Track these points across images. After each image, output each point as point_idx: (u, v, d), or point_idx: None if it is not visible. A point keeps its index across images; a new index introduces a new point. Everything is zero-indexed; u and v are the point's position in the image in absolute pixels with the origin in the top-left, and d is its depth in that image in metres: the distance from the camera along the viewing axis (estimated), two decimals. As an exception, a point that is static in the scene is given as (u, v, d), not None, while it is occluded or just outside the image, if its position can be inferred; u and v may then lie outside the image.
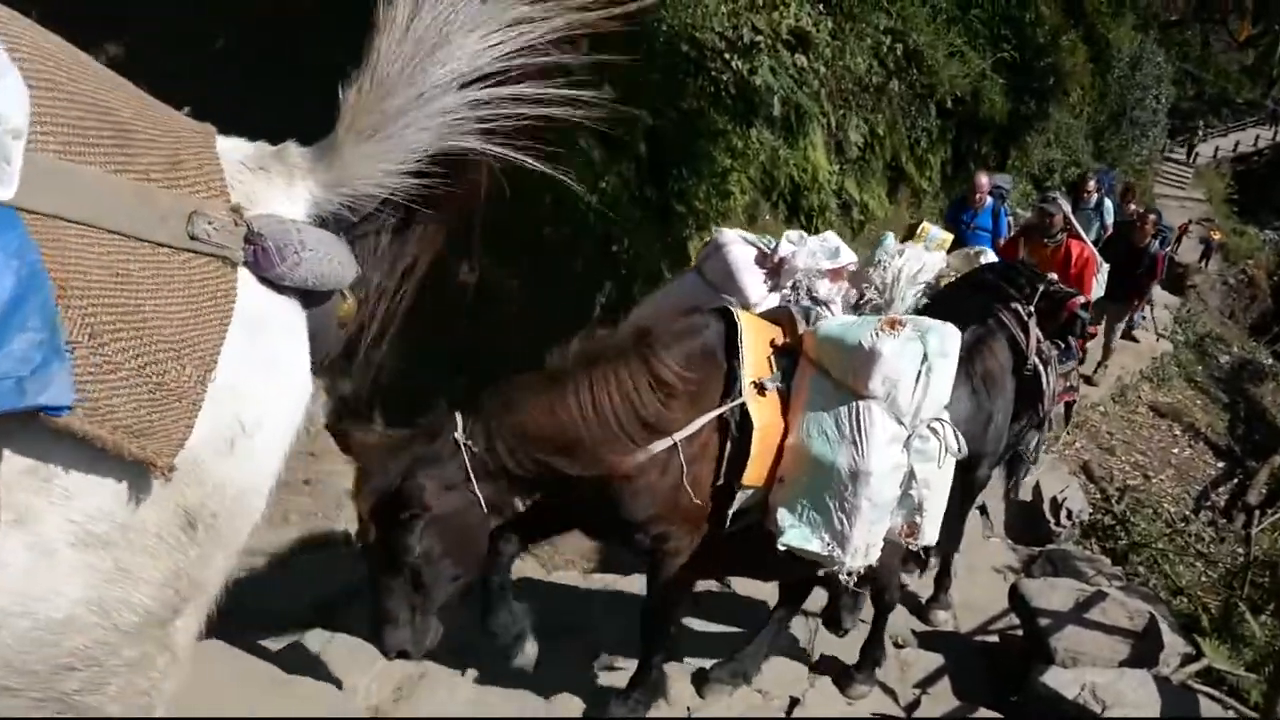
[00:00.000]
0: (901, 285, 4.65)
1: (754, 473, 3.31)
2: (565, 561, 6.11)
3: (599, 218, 6.97)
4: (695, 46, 8.03)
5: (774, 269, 4.14)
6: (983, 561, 6.91)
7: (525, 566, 5.74)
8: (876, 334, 3.25)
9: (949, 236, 7.88)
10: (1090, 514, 8.94)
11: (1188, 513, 10.40)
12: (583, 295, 7.07)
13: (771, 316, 3.71)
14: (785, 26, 8.34)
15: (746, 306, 3.79)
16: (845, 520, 3.21)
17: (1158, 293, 20.09)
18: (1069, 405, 6.17)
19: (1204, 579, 7.64)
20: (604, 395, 3.10)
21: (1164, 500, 10.66)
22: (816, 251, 4.14)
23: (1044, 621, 5.21)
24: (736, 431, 3.30)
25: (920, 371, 3.28)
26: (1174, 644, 5.42)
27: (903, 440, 3.29)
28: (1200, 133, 39.21)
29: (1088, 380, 11.13)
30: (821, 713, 4.41)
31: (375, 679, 3.61)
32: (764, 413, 3.31)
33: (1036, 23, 15.77)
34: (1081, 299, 6.02)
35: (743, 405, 3.29)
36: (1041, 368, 5.50)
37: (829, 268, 4.15)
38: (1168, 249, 9.02)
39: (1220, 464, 13.13)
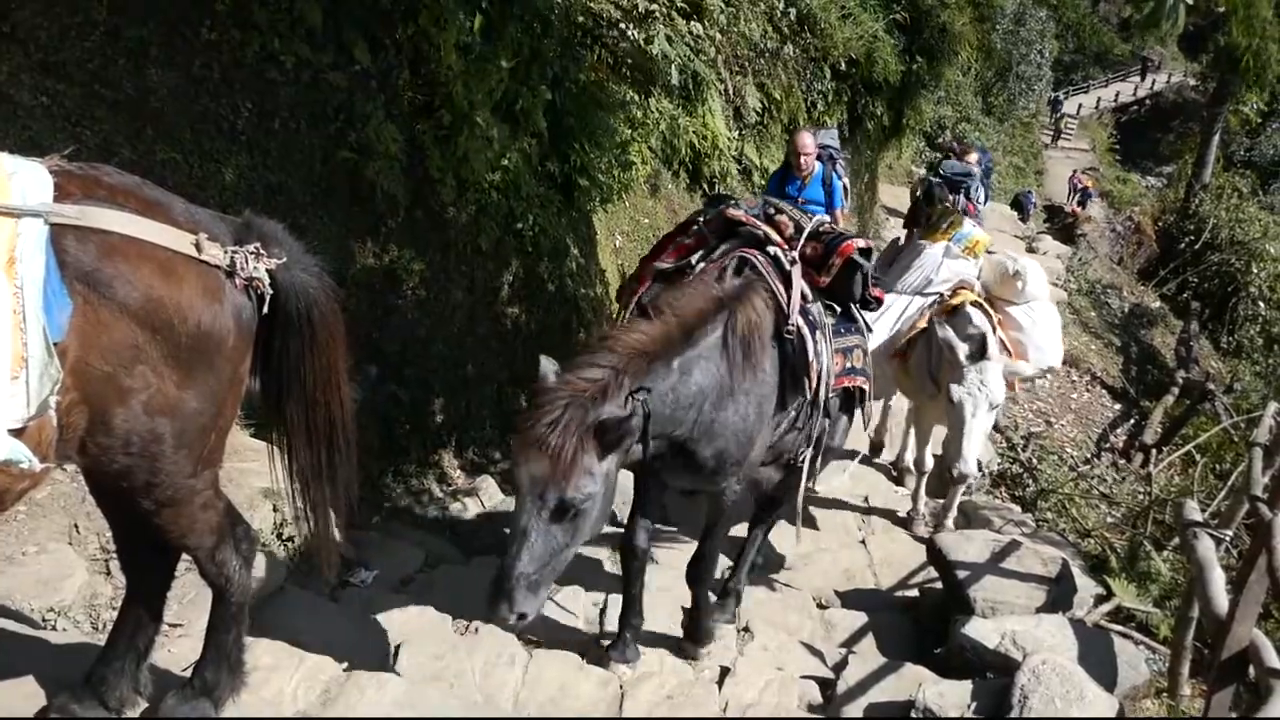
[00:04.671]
0: None
1: None
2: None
3: (501, 196, 6.87)
4: (591, 17, 7.95)
5: None
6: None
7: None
8: None
9: (985, 238, 7.08)
10: (999, 464, 9.17)
11: (1090, 456, 10.74)
12: (489, 275, 6.97)
13: None
14: (679, -6, 8.30)
15: None
16: None
17: (1050, 243, 20.82)
18: (853, 393, 4.78)
19: (1109, 519, 7.88)
20: None
21: (1067, 445, 11.00)
22: None
23: (962, 574, 5.32)
24: None
25: None
26: (1086, 586, 5.61)
27: None
28: (1067, 87, 40.58)
29: None
30: (752, 680, 4.44)
31: (301, 682, 3.51)
32: None
33: (925, -17, 15.96)
34: (861, 243, 4.66)
35: None
36: (806, 331, 4.18)
37: None
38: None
39: (1117, 406, 13.61)
